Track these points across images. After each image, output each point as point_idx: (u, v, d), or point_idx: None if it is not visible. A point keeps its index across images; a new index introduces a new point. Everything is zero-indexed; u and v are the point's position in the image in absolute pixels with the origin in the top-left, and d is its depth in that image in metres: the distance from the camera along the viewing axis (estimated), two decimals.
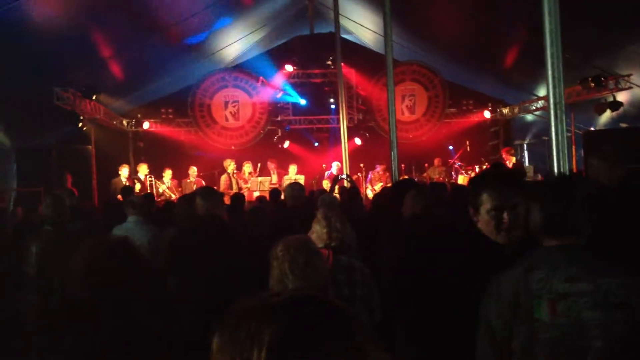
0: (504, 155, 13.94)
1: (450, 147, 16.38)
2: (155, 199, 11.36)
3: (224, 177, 13.71)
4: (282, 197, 8.15)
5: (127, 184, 12.15)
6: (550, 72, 4.01)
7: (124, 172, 12.77)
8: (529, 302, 2.23)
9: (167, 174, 13.54)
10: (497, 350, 2.31)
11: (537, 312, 2.20)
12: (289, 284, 2.84)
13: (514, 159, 13.90)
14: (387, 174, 14.39)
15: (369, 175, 14.73)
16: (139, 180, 13.00)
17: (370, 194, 13.49)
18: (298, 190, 6.64)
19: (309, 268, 2.87)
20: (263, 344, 0.96)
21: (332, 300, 1.06)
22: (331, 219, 3.85)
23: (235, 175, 13.73)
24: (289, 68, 16.22)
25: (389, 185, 13.49)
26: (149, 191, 12.54)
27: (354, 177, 13.09)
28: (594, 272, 2.22)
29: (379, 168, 14.69)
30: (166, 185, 13.32)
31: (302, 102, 16.63)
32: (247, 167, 14.11)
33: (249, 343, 0.97)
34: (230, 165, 13.76)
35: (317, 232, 3.83)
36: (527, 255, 2.36)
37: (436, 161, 15.33)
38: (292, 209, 6.54)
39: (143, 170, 13.40)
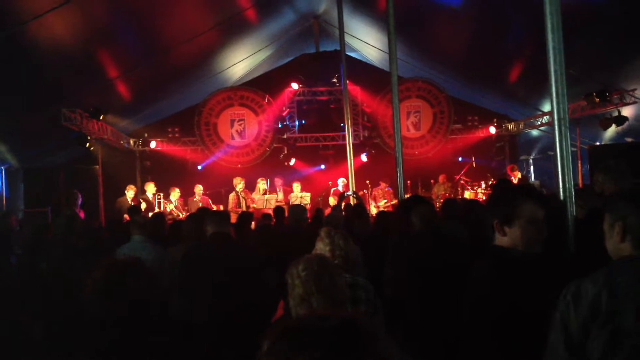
0: (508, 172, 14.08)
1: (460, 159, 16.47)
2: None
3: (232, 195, 13.71)
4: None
5: (133, 203, 12.20)
6: (554, 88, 4.03)
7: (130, 193, 12.87)
8: (612, 306, 2.21)
9: (175, 193, 13.55)
10: (570, 352, 2.28)
11: (622, 317, 2.18)
12: (314, 302, 2.82)
13: (519, 174, 14.03)
14: (391, 190, 14.43)
15: (373, 192, 14.73)
16: (145, 199, 13.05)
17: (374, 210, 13.49)
18: (299, 212, 6.68)
19: (334, 286, 2.87)
20: None
21: (364, 325, 1.08)
22: (334, 236, 3.86)
23: (243, 193, 13.73)
24: (294, 86, 16.32)
25: (394, 202, 13.53)
26: (157, 210, 12.58)
27: (360, 193, 13.09)
28: None
29: (382, 185, 14.74)
30: (174, 204, 13.35)
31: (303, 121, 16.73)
32: (262, 184, 14.06)
33: None
34: (239, 184, 13.75)
35: (321, 250, 3.84)
36: (610, 264, 2.36)
37: (441, 178, 15.33)
38: (292, 229, 6.57)
39: (150, 189, 13.46)
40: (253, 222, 9.37)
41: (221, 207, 13.58)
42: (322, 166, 16.78)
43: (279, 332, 1.06)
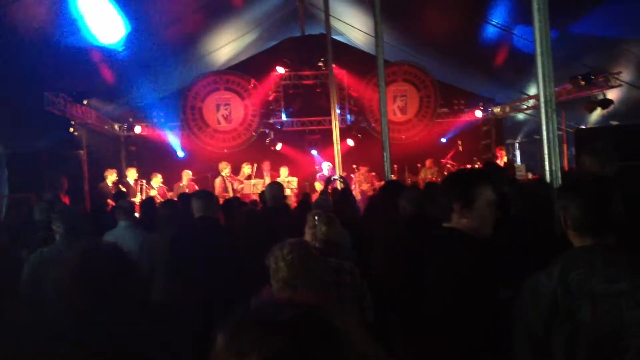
0: (497, 153, 14.18)
1: (444, 139, 16.57)
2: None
3: (218, 180, 13.65)
4: None
5: (113, 188, 12.08)
6: (540, 71, 4.02)
7: (112, 177, 12.70)
8: (569, 303, 2.21)
9: (157, 179, 13.43)
10: (535, 350, 2.29)
11: (578, 313, 2.19)
12: (300, 286, 2.85)
13: (505, 158, 14.14)
14: (372, 174, 14.41)
15: (354, 178, 14.65)
16: (127, 184, 12.91)
17: (358, 196, 13.47)
18: (277, 190, 6.65)
19: (319, 270, 2.90)
20: None
21: (332, 318, 1.04)
22: (317, 220, 3.86)
23: (229, 178, 13.67)
24: (280, 70, 16.22)
25: (379, 184, 13.52)
26: (139, 196, 12.48)
27: (344, 175, 13.06)
28: (631, 271, 2.20)
29: (362, 169, 14.68)
30: (156, 190, 13.22)
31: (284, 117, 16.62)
32: (247, 169, 14.04)
33: None
34: (225, 169, 13.69)
35: (306, 234, 3.85)
36: (563, 255, 2.35)
37: (428, 162, 15.35)
38: (272, 209, 6.55)
39: (132, 174, 13.30)
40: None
41: None
42: (314, 152, 16.67)
43: (234, 326, 1.03)
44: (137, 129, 15.89)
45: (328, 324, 1.03)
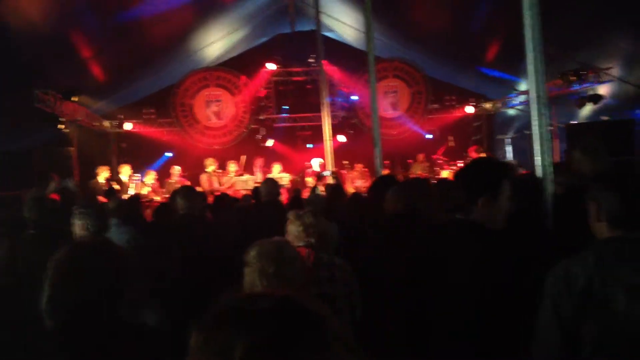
0: (473, 155, 14.01)
1: (430, 136, 16.59)
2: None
3: (204, 177, 13.59)
4: None
5: (105, 186, 12.00)
6: (531, 67, 4.02)
7: (104, 174, 12.60)
8: (604, 291, 2.23)
9: (150, 176, 13.39)
10: (564, 336, 2.30)
11: (612, 302, 2.21)
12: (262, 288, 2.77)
13: (483, 155, 14.01)
14: (367, 170, 14.38)
15: (349, 175, 14.60)
16: (119, 181, 12.82)
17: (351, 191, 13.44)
18: (272, 185, 6.66)
19: (276, 279, 2.73)
20: (234, 358, 0.94)
21: (308, 305, 1.03)
22: (303, 216, 3.83)
23: (215, 174, 13.61)
24: (271, 66, 16.18)
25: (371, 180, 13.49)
26: (131, 193, 12.41)
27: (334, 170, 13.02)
28: None
29: (358, 166, 14.66)
30: (149, 187, 13.16)
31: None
32: (233, 167, 14.00)
33: (219, 355, 0.96)
34: (211, 165, 13.65)
35: (293, 233, 3.79)
36: (597, 244, 2.37)
37: (420, 157, 15.36)
38: (266, 204, 6.55)
39: (126, 171, 13.22)
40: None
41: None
42: (311, 145, 16.58)
43: (212, 320, 1.01)
44: (128, 126, 15.78)
45: (308, 309, 1.03)
